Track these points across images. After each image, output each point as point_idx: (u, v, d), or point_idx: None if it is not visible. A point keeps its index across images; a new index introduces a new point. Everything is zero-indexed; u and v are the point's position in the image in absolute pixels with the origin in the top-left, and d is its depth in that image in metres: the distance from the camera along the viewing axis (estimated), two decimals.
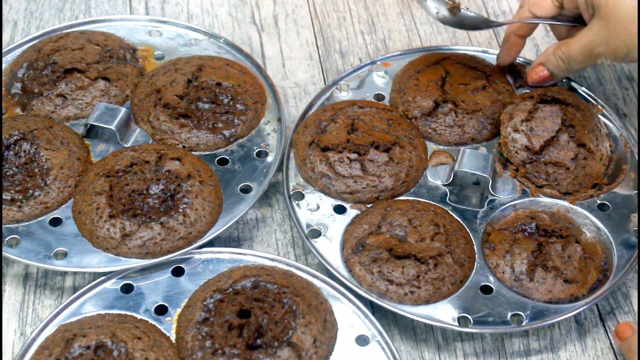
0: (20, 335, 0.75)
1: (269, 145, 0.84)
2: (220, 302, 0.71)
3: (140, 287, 0.74)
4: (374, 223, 0.77)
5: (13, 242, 0.76)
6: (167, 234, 0.75)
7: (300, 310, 0.70)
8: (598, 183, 0.82)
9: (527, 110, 0.82)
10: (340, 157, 0.81)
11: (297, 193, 0.81)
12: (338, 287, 0.74)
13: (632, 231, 0.78)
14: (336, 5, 1.04)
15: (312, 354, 0.69)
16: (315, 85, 0.95)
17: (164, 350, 0.69)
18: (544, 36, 1.01)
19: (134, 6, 1.03)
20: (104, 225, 0.75)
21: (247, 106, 0.85)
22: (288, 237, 0.83)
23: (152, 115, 0.84)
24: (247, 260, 0.76)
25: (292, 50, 0.99)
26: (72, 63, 0.87)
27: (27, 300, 0.77)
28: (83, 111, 0.86)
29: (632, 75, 0.97)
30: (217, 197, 0.79)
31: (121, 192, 0.77)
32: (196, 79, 0.86)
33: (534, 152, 0.81)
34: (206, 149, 0.83)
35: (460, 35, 1.01)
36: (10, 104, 0.86)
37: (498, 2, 1.05)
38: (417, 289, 0.73)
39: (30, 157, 0.80)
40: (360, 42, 1.00)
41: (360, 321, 0.72)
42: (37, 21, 1.01)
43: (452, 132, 0.85)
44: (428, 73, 0.88)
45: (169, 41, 0.94)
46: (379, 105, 0.86)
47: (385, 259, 0.74)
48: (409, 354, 0.74)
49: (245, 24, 1.02)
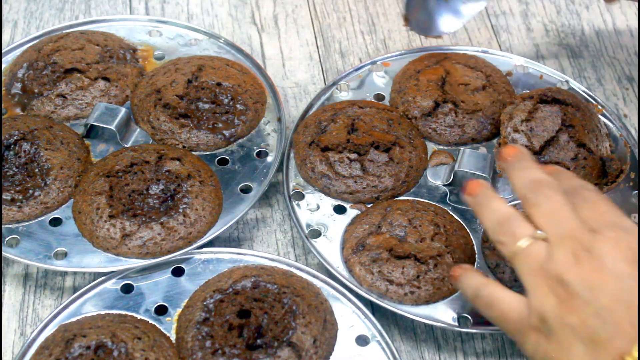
0: (20, 335, 0.75)
1: (269, 145, 0.84)
2: (220, 302, 0.71)
3: (140, 287, 0.74)
4: (374, 223, 0.77)
5: (13, 242, 0.76)
6: (167, 234, 0.75)
7: (300, 310, 0.70)
8: (598, 183, 0.82)
9: (527, 110, 0.82)
10: (340, 157, 0.81)
11: (297, 193, 0.81)
12: (338, 287, 0.74)
13: None
14: (336, 5, 1.04)
15: (312, 354, 0.69)
16: (315, 85, 0.95)
17: (164, 350, 0.69)
18: (544, 36, 1.01)
19: (134, 6, 1.03)
20: (104, 225, 0.75)
21: (247, 106, 0.85)
22: (288, 237, 0.83)
23: (152, 116, 0.84)
24: (247, 261, 0.76)
25: (292, 50, 0.99)
26: (72, 63, 0.87)
27: (27, 300, 0.77)
28: (83, 111, 0.86)
29: (632, 75, 0.97)
30: (217, 197, 0.79)
31: (121, 192, 0.77)
32: (196, 79, 0.86)
33: (533, 152, 0.81)
34: (206, 149, 0.83)
35: (460, 35, 1.01)
36: (10, 104, 0.86)
37: (498, 2, 1.05)
38: (417, 289, 0.73)
39: (30, 157, 0.80)
40: (360, 42, 1.00)
41: (360, 321, 0.72)
42: (37, 21, 1.01)
43: (452, 132, 0.85)
44: (428, 73, 0.88)
45: (169, 41, 0.94)
46: (379, 105, 0.87)
47: (385, 259, 0.74)
48: (409, 354, 0.74)
49: (245, 24, 1.02)
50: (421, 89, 0.86)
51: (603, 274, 0.55)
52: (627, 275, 0.55)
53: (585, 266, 0.56)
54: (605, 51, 1.00)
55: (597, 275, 0.55)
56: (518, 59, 0.93)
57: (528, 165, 0.64)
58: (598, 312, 0.54)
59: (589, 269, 0.56)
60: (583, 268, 0.56)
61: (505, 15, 1.04)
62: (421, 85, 0.87)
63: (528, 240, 0.59)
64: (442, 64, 0.89)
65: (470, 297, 0.64)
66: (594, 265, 0.56)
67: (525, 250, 0.59)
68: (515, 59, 0.93)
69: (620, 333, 0.54)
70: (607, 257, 0.56)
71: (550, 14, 1.04)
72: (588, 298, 0.55)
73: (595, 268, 0.56)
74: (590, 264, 0.56)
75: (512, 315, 0.60)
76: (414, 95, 0.86)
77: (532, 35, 1.01)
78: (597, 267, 0.56)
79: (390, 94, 0.89)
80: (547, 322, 0.57)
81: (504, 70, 0.91)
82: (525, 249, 0.59)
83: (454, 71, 0.88)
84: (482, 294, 0.62)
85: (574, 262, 0.56)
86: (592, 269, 0.56)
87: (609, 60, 0.99)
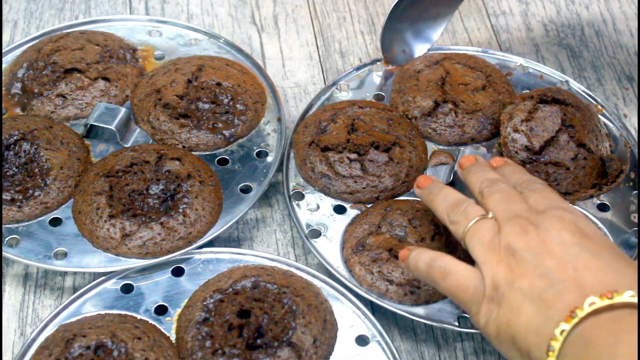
0: (20, 335, 0.75)
1: (269, 146, 0.84)
2: (220, 302, 0.71)
3: (140, 287, 0.74)
4: (374, 223, 0.77)
5: (13, 242, 0.76)
6: (167, 234, 0.75)
7: (300, 310, 0.70)
8: (598, 183, 0.82)
9: (526, 110, 0.82)
10: (340, 157, 0.81)
11: (297, 193, 0.81)
12: (338, 287, 0.74)
13: (632, 231, 0.78)
14: (336, 5, 1.04)
15: (312, 354, 0.69)
16: (315, 85, 0.95)
17: (164, 350, 0.69)
18: (544, 36, 1.01)
19: (134, 6, 1.03)
20: (104, 225, 0.75)
21: (247, 106, 0.85)
22: (288, 237, 0.83)
23: (152, 116, 0.84)
24: (247, 261, 0.76)
25: (292, 50, 0.99)
26: (72, 63, 0.87)
27: (27, 300, 0.77)
28: (83, 111, 0.86)
29: (632, 75, 0.97)
30: (217, 197, 0.79)
31: (121, 192, 0.77)
32: (196, 79, 0.86)
33: (533, 152, 0.81)
34: (206, 149, 0.83)
35: (460, 35, 1.01)
36: (10, 104, 0.86)
37: (498, 2, 1.05)
38: (417, 289, 0.73)
39: (30, 157, 0.80)
40: (360, 42, 1.00)
41: (360, 321, 0.72)
42: (37, 21, 1.01)
43: (452, 132, 0.85)
44: (428, 73, 0.88)
45: (169, 41, 0.94)
46: (379, 105, 0.87)
47: (385, 259, 0.74)
48: (409, 354, 0.74)
49: (245, 24, 1.02)
50: (421, 89, 0.86)
51: (549, 242, 0.59)
52: (573, 244, 0.58)
53: (532, 236, 0.59)
54: (605, 51, 1.00)
55: (543, 243, 0.59)
56: (518, 59, 0.93)
57: (483, 168, 0.70)
58: (545, 274, 0.57)
59: (536, 239, 0.59)
60: (530, 237, 0.59)
61: (505, 15, 1.04)
62: (421, 85, 0.87)
63: (479, 218, 0.63)
64: (442, 64, 0.89)
65: (424, 270, 0.65)
66: (541, 235, 0.59)
67: (476, 225, 0.63)
68: (515, 59, 0.93)
69: (569, 291, 0.55)
70: (552, 230, 0.59)
71: (550, 14, 1.04)
72: (535, 262, 0.58)
73: (541, 238, 0.59)
74: (536, 235, 0.59)
75: (468, 285, 0.61)
76: (414, 95, 0.86)
77: (532, 35, 1.01)
78: (543, 237, 0.59)
79: (390, 94, 0.89)
80: (498, 289, 0.59)
81: (504, 70, 0.91)
82: (476, 224, 0.63)
83: (454, 71, 0.88)
84: (437, 264, 0.64)
85: (522, 233, 0.60)
86: (538, 238, 0.59)
87: (609, 60, 0.99)
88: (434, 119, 0.85)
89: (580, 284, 0.55)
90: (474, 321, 0.61)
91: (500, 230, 0.61)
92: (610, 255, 0.58)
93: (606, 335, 0.52)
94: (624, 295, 0.53)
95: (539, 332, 0.55)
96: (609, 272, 0.56)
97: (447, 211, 0.67)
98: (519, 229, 0.60)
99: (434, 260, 0.64)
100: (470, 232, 0.63)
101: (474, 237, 0.62)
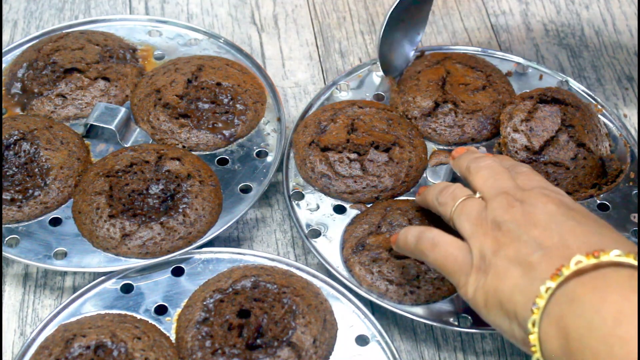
0: (20, 335, 0.75)
1: (269, 145, 0.84)
2: (220, 302, 0.71)
3: (140, 287, 0.74)
4: (374, 223, 0.77)
5: (13, 242, 0.76)
6: (167, 234, 0.75)
7: (300, 310, 0.70)
8: (598, 183, 0.82)
9: (526, 110, 0.82)
10: (340, 157, 0.81)
11: (297, 193, 0.81)
12: (338, 287, 0.74)
13: (632, 231, 0.78)
14: (336, 5, 1.04)
15: (312, 354, 0.69)
16: (315, 85, 0.95)
17: (164, 350, 0.69)
18: (544, 36, 1.01)
19: (134, 6, 1.03)
20: (104, 225, 0.75)
21: (247, 106, 0.85)
22: (288, 237, 0.83)
23: (152, 115, 0.84)
24: (247, 260, 0.76)
25: (292, 50, 0.99)
26: (72, 63, 0.87)
27: (27, 300, 0.77)
28: (83, 111, 0.86)
29: (632, 75, 0.97)
30: (217, 197, 0.79)
31: (121, 192, 0.77)
32: (196, 78, 0.86)
33: (533, 152, 0.81)
34: (206, 149, 0.83)
35: (460, 35, 1.01)
36: (10, 104, 0.86)
37: (498, 2, 1.05)
38: (417, 289, 0.73)
39: (30, 157, 0.80)
40: (360, 42, 1.00)
41: (360, 321, 0.72)
42: (37, 21, 1.01)
43: (452, 132, 0.85)
44: (428, 73, 0.88)
45: (168, 41, 0.94)
46: (379, 105, 0.87)
47: (385, 259, 0.74)
48: (409, 354, 0.74)
49: (245, 24, 1.02)
50: (421, 89, 0.86)
51: (534, 214, 0.60)
52: (559, 214, 0.59)
53: (517, 209, 0.61)
54: (605, 51, 1.00)
55: (529, 215, 0.60)
56: (518, 58, 0.93)
57: (472, 153, 0.73)
58: (531, 241, 0.58)
59: (521, 212, 0.60)
60: (516, 211, 0.60)
61: (505, 15, 1.04)
62: (421, 85, 0.87)
63: (466, 197, 0.65)
64: (442, 64, 0.89)
65: (412, 243, 0.67)
66: (526, 209, 0.60)
67: (463, 204, 0.65)
68: (515, 58, 0.93)
69: (554, 253, 0.56)
70: (538, 204, 0.60)
71: (550, 14, 1.04)
72: (521, 233, 0.59)
73: (527, 211, 0.60)
74: (522, 209, 0.60)
75: (457, 255, 0.63)
76: (414, 95, 0.86)
77: (532, 35, 1.01)
78: (528, 210, 0.60)
79: (390, 94, 0.89)
80: (485, 259, 0.60)
81: (504, 70, 0.91)
82: (463, 203, 0.65)
83: (454, 71, 0.88)
84: (425, 236, 0.65)
85: (508, 207, 0.61)
86: (524, 212, 0.60)
87: (609, 60, 0.99)
88: (433, 119, 0.85)
89: (565, 246, 0.56)
90: (462, 292, 0.62)
91: (487, 206, 0.63)
92: (594, 224, 0.59)
93: (591, 293, 0.52)
94: (611, 254, 0.53)
95: (525, 291, 0.56)
96: (593, 235, 0.57)
97: (436, 195, 0.69)
98: (506, 204, 0.61)
99: (422, 232, 0.66)
100: (458, 210, 0.65)
101: (461, 215, 0.64)
